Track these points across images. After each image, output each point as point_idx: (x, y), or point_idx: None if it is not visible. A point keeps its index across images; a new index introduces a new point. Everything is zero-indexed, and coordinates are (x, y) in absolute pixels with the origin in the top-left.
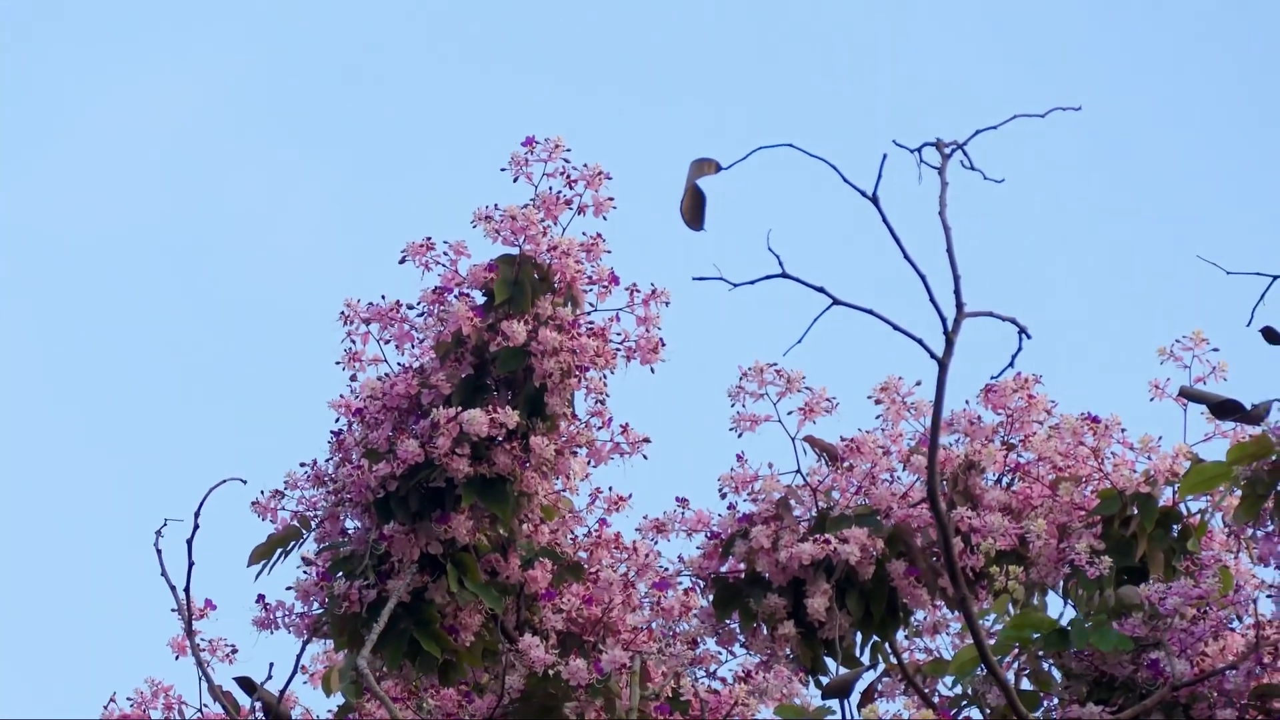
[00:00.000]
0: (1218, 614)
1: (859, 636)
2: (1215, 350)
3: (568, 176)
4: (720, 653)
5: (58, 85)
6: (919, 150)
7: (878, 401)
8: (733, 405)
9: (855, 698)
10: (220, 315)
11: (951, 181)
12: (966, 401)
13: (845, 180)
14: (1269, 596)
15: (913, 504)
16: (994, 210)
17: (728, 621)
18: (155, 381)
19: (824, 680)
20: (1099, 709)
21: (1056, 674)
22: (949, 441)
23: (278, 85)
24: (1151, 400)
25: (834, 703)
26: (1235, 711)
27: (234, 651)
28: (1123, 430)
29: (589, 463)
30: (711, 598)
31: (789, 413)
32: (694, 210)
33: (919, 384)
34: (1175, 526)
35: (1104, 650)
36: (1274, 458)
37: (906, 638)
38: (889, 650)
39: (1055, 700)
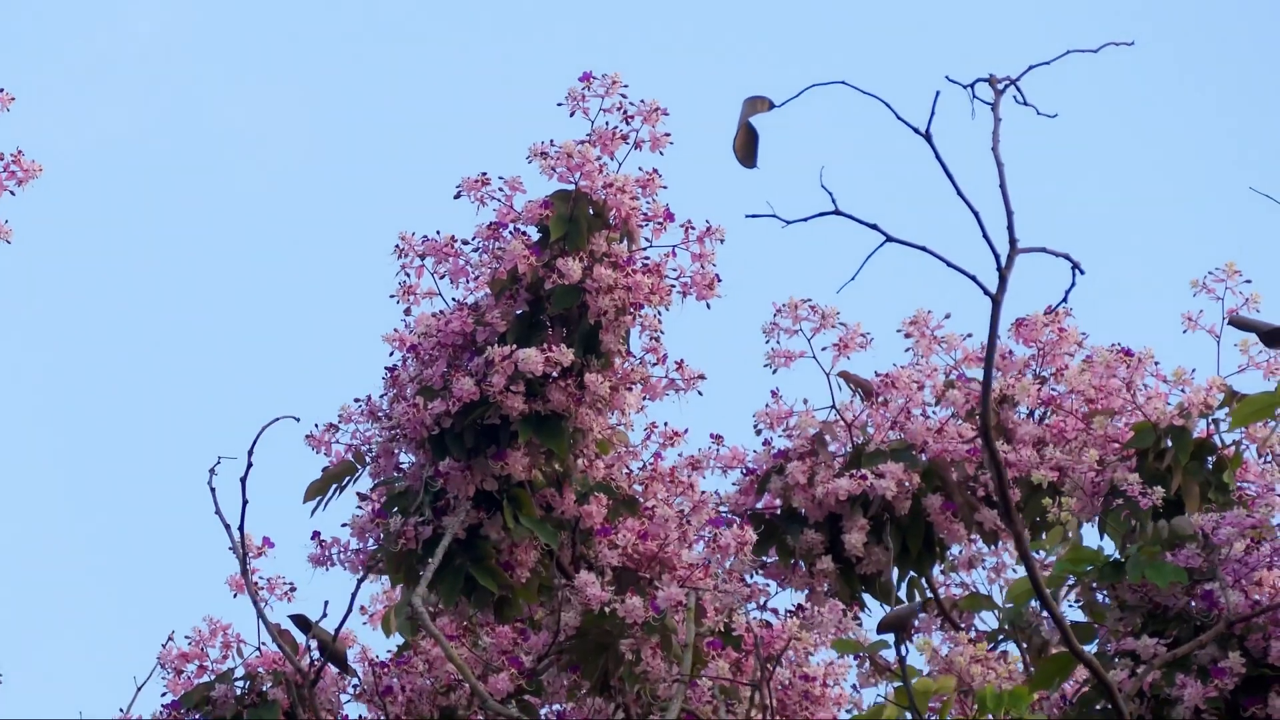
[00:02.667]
0: (1273, 543)
1: (895, 572)
2: (1248, 282)
3: (624, 112)
4: (769, 585)
5: (48, 8)
6: (972, 86)
7: (907, 335)
8: (767, 342)
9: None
10: (234, 233)
11: (1005, 117)
12: (1000, 335)
13: (898, 117)
14: None
15: (955, 439)
16: (1047, 146)
17: (764, 558)
18: (192, 313)
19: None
20: (1153, 641)
21: (1109, 606)
22: (978, 375)
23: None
24: (1185, 332)
25: (889, 636)
26: None
27: (292, 589)
28: (1156, 363)
29: (644, 398)
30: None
31: (824, 349)
32: (747, 148)
33: (948, 317)
34: (1210, 459)
35: (1159, 583)
36: None
37: (943, 572)
38: (925, 585)
39: (1109, 632)
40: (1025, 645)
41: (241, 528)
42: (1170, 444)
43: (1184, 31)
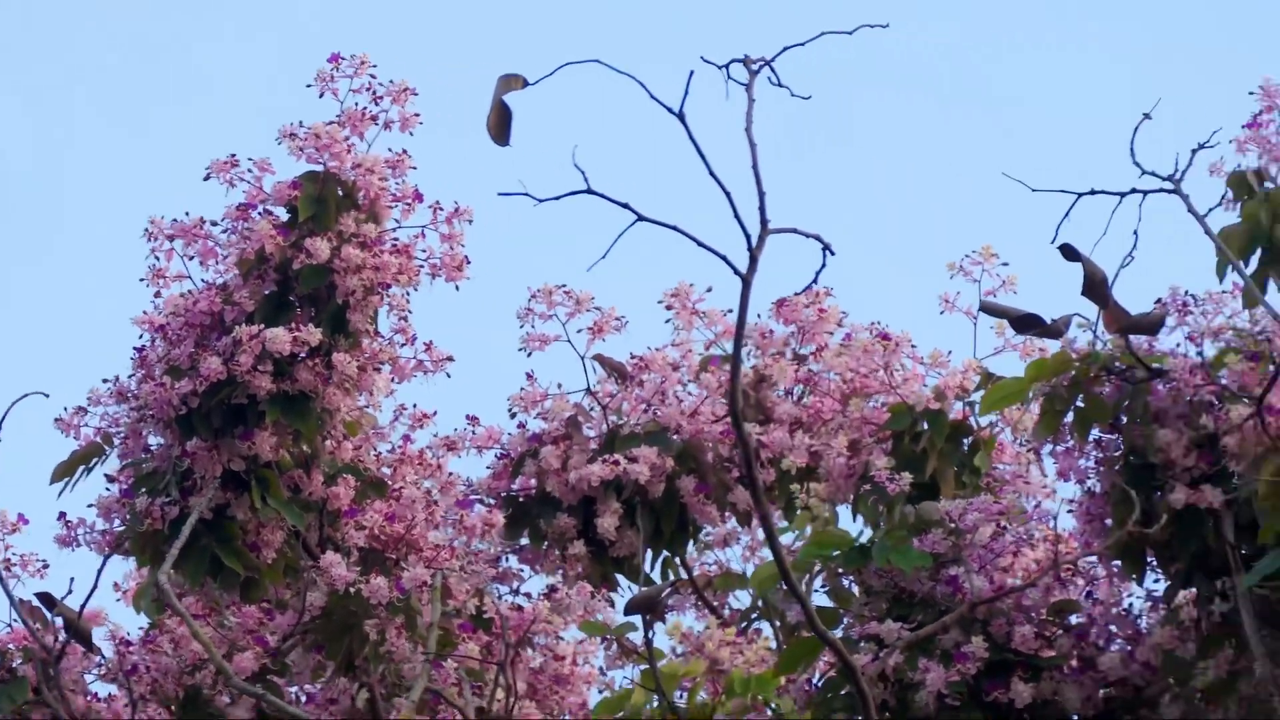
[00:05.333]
0: (1018, 530)
1: (649, 554)
2: (1005, 265)
3: (373, 92)
4: (523, 569)
5: None
6: (727, 67)
7: (669, 308)
8: (522, 326)
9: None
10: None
11: (760, 98)
12: (758, 315)
13: (652, 96)
14: (1068, 511)
15: (709, 421)
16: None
17: (518, 541)
18: None
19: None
20: (898, 625)
21: (856, 590)
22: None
23: None
24: (942, 314)
25: (636, 618)
26: (1033, 627)
27: (45, 567)
28: (913, 346)
29: (392, 380)
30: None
31: (578, 331)
32: (500, 126)
33: (710, 290)
34: (965, 442)
35: (904, 568)
36: (1073, 373)
37: (697, 551)
38: (679, 565)
39: (854, 616)
40: (778, 624)
41: None
42: (926, 426)
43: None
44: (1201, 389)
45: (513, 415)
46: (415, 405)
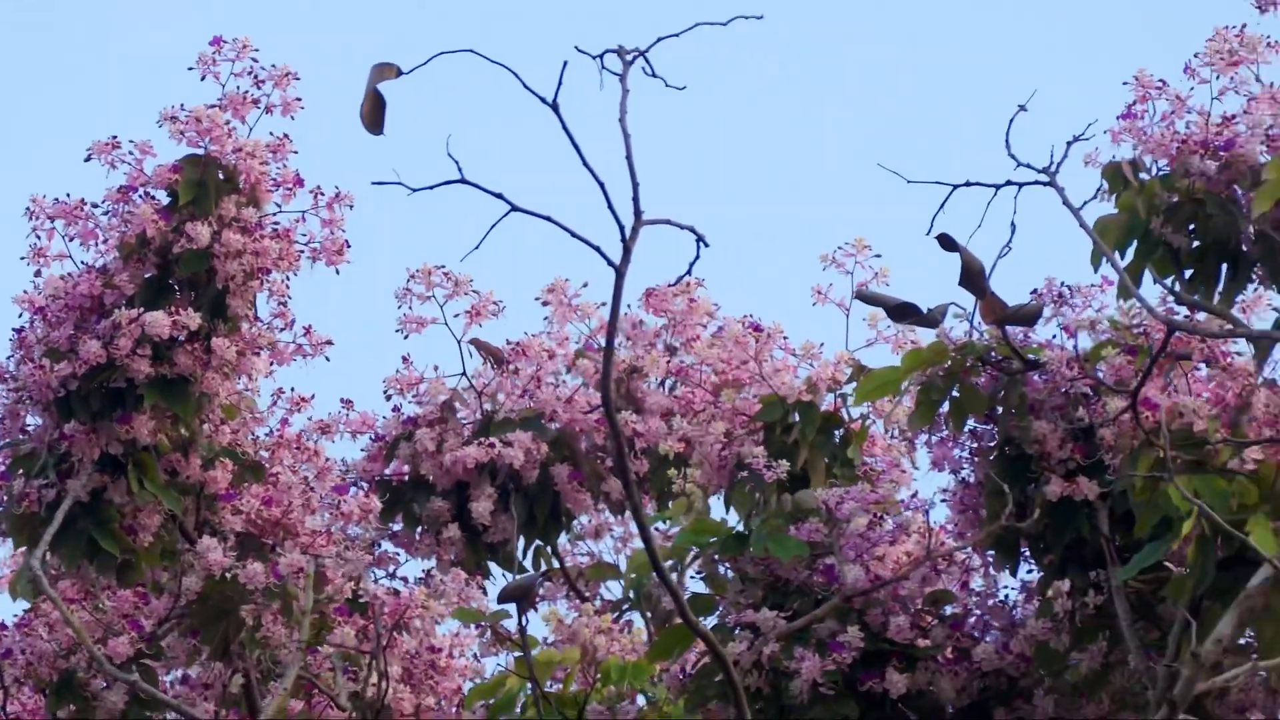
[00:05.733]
0: (894, 519)
1: (521, 541)
2: (878, 256)
3: (255, 77)
4: (399, 553)
5: None
6: (601, 57)
7: (545, 303)
8: (399, 307)
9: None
10: None
11: (637, 89)
12: (629, 306)
13: (526, 87)
14: (943, 502)
15: (581, 410)
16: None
17: (392, 525)
18: None
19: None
20: (773, 614)
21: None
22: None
23: None
24: (814, 305)
25: (511, 606)
26: (909, 618)
27: None
28: (785, 337)
29: (271, 364)
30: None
31: (455, 315)
32: (374, 115)
33: (586, 285)
34: (837, 433)
35: (781, 557)
36: (949, 363)
37: (569, 541)
38: (551, 554)
39: (730, 604)
40: (650, 615)
41: None
42: (798, 418)
43: (814, 6)
44: (1077, 381)
45: (388, 398)
46: (294, 389)
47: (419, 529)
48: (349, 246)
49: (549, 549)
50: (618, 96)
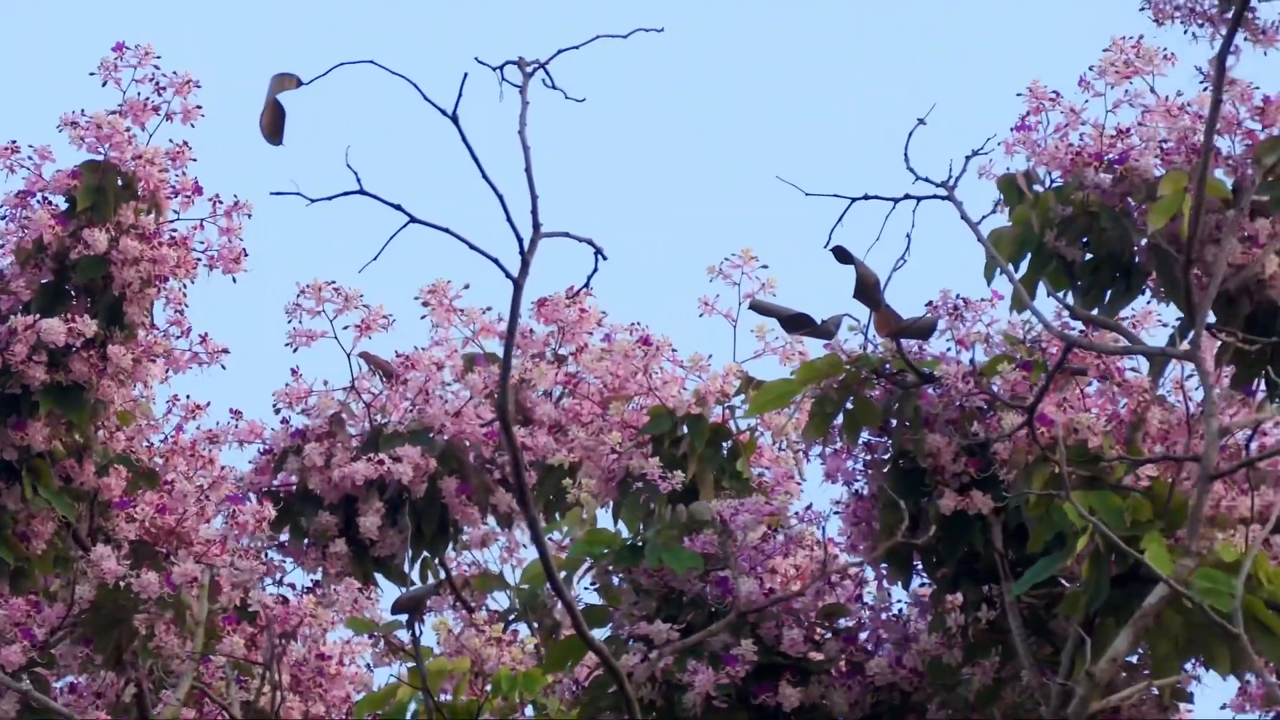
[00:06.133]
0: (787, 532)
1: (410, 553)
2: (765, 267)
3: (156, 84)
4: (286, 561)
5: None
6: (501, 69)
7: (425, 304)
8: (289, 321)
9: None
10: None
11: (536, 101)
12: (523, 317)
13: (425, 98)
14: (835, 513)
15: (473, 421)
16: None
17: (280, 536)
18: None
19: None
20: (667, 626)
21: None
22: (495, 349)
23: None
24: (701, 317)
25: (403, 616)
26: (802, 631)
27: None
28: (673, 349)
29: (167, 371)
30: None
31: (345, 328)
32: (274, 125)
33: (467, 287)
34: (725, 445)
35: (675, 568)
36: (843, 376)
37: (456, 553)
38: (439, 566)
39: (623, 616)
40: (537, 626)
41: None
42: (686, 430)
43: (722, 16)
44: (972, 395)
45: (277, 411)
46: (189, 397)
47: (306, 541)
48: (246, 255)
49: (436, 560)
50: (518, 108)
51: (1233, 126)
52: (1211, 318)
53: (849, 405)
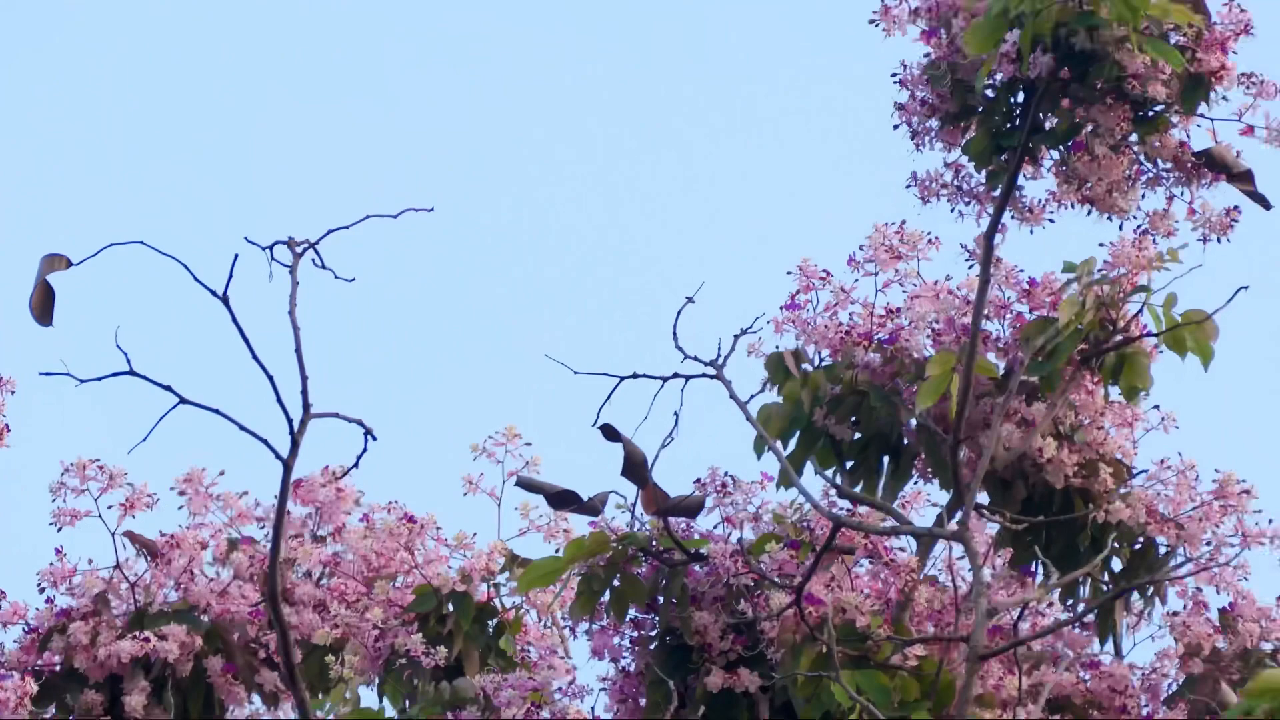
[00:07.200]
0: (553, 707)
1: None
2: (529, 445)
3: None
4: None
5: None
6: (271, 249)
7: (181, 492)
8: (54, 500)
9: None
10: None
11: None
12: (296, 499)
13: (196, 279)
14: (602, 690)
15: (239, 600)
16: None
17: (44, 715)
18: None
19: None
20: None
21: None
22: (255, 533)
23: None
24: (466, 495)
25: None
26: None
27: None
28: (438, 528)
29: None
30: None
31: (110, 507)
32: (44, 305)
33: (222, 474)
34: (491, 623)
35: None
36: (610, 553)
37: None
38: None
39: None
40: None
41: None
42: (452, 608)
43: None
44: (740, 574)
45: (41, 590)
46: None
47: (71, 718)
48: (9, 430)
49: None
50: (288, 288)
51: (1001, 310)
52: (986, 499)
53: (616, 583)
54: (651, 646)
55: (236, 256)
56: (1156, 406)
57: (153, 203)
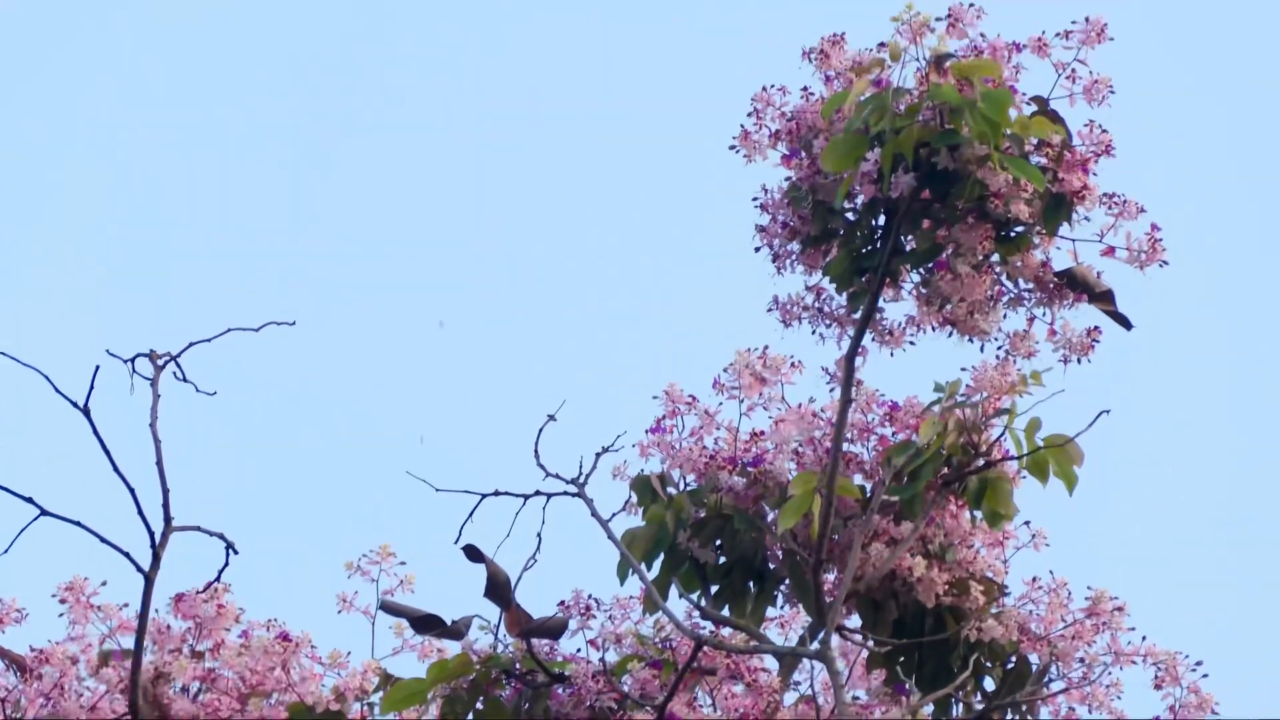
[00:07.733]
0: None
1: None
2: (403, 564)
3: None
4: None
5: None
6: (132, 361)
7: (62, 601)
8: None
9: None
10: None
11: (170, 394)
12: (157, 610)
13: (57, 390)
14: None
15: (110, 716)
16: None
17: None
18: None
19: None
20: None
21: None
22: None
23: None
24: (340, 613)
25: None
26: None
27: None
28: (313, 646)
29: None
30: None
31: None
32: None
33: (105, 584)
34: None
35: None
36: (474, 675)
37: None
38: None
39: None
40: None
41: None
42: None
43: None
44: (604, 695)
45: None
46: None
47: None
48: None
49: None
50: (149, 400)
51: (864, 434)
52: (858, 621)
53: (480, 705)
54: None
55: (98, 368)
56: (1027, 523)
57: (12, 311)
